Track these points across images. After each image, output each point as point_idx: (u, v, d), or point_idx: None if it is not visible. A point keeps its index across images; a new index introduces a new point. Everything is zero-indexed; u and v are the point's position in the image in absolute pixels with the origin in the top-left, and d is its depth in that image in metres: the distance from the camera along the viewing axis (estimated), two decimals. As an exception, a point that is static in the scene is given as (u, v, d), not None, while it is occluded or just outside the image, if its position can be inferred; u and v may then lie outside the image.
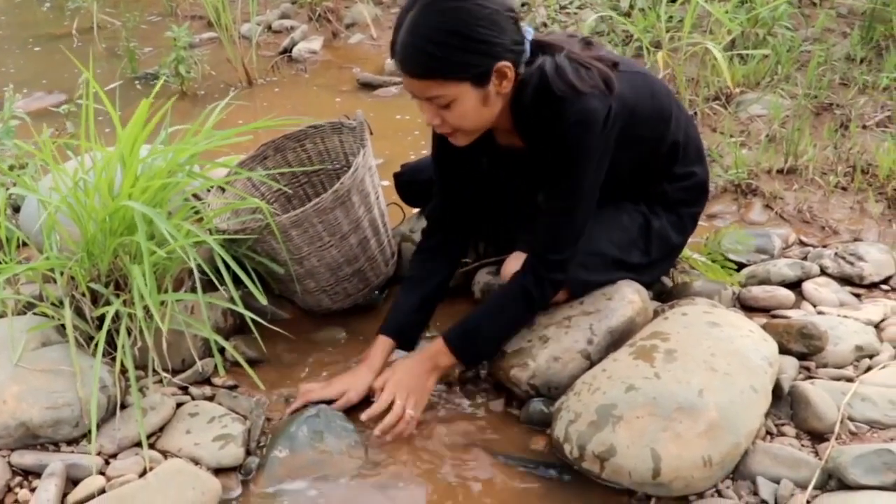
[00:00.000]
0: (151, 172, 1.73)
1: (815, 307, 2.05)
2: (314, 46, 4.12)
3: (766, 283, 2.13)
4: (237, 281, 1.70)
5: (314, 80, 3.88)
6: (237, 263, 1.70)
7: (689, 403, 1.50)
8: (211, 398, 1.80)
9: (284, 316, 2.11)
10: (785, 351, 1.79)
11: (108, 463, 1.59)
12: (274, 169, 2.21)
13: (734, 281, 2.08)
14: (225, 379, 1.85)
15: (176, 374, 1.81)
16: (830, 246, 2.32)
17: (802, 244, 2.37)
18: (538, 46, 1.65)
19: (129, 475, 1.54)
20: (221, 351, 1.81)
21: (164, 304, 1.68)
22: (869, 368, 1.79)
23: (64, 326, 1.67)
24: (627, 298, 1.82)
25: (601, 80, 1.62)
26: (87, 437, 1.60)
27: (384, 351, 1.82)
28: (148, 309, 1.62)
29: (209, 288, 1.74)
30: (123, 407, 1.66)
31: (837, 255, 2.21)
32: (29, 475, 1.57)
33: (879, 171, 2.58)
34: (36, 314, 1.77)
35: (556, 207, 1.71)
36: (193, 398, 1.79)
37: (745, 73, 3.21)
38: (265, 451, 1.67)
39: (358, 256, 2.02)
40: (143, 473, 1.55)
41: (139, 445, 1.60)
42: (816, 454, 1.58)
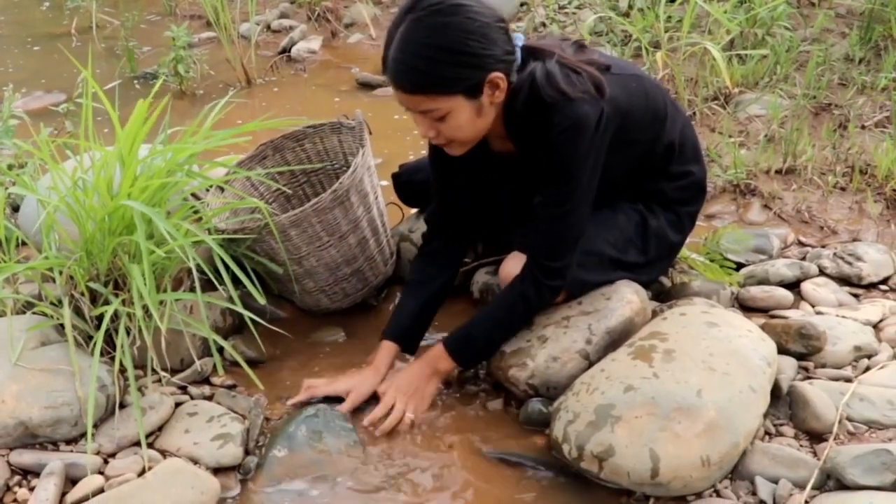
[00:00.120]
0: (150, 172, 1.73)
1: (813, 307, 2.05)
2: (313, 46, 4.11)
3: (764, 283, 2.13)
4: (236, 281, 1.71)
5: (313, 79, 3.87)
6: (236, 263, 1.70)
7: (687, 403, 1.50)
8: (210, 398, 1.80)
9: (283, 316, 2.11)
10: (783, 351, 1.79)
11: (107, 462, 1.59)
12: (273, 168, 2.21)
13: (733, 281, 2.08)
14: (224, 378, 1.85)
15: (175, 373, 1.81)
16: (829, 246, 2.33)
17: (801, 244, 2.37)
18: (530, 52, 1.66)
19: (128, 474, 1.54)
20: (220, 350, 1.81)
21: (162, 303, 1.68)
22: (867, 368, 1.79)
23: (63, 326, 1.67)
24: (626, 298, 1.82)
25: (592, 84, 1.62)
26: (86, 436, 1.60)
27: (388, 355, 1.84)
28: (147, 308, 1.62)
29: (208, 287, 1.74)
30: (122, 406, 1.67)
31: (836, 255, 2.21)
32: (28, 474, 1.57)
33: (878, 171, 2.58)
34: (35, 313, 1.77)
35: (552, 213, 1.71)
36: (192, 398, 1.79)
37: (743, 73, 3.21)
38: (264, 450, 1.67)
39: (357, 256, 2.02)
40: (142, 473, 1.55)
41: (138, 445, 1.60)
42: (815, 454, 1.58)
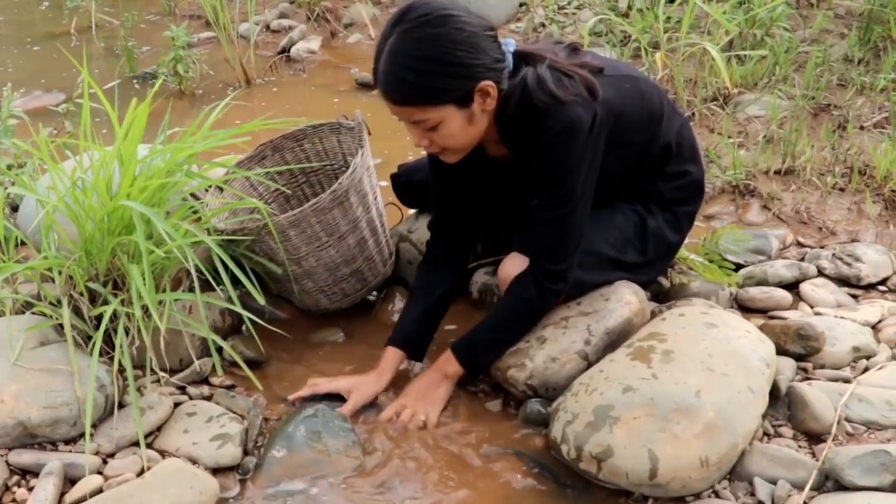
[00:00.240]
0: (150, 172, 1.73)
1: (812, 308, 2.05)
2: (312, 46, 4.11)
3: (763, 283, 2.14)
4: (235, 281, 1.71)
5: (312, 79, 3.87)
6: (235, 263, 1.70)
7: (686, 404, 1.50)
8: (209, 398, 1.80)
9: (282, 316, 2.11)
10: (782, 352, 1.79)
11: (105, 462, 1.59)
12: (272, 168, 2.21)
13: (732, 282, 2.08)
14: (223, 379, 1.85)
15: (174, 373, 1.81)
16: (828, 247, 2.33)
17: (800, 245, 2.38)
18: (522, 57, 1.66)
19: (126, 474, 1.54)
20: (219, 351, 1.81)
21: (162, 303, 1.68)
22: (866, 369, 1.79)
23: (62, 326, 1.67)
24: (625, 299, 1.82)
25: (584, 87, 1.63)
26: (84, 436, 1.60)
27: (392, 360, 1.85)
28: (146, 308, 1.62)
29: (207, 288, 1.74)
30: (121, 406, 1.67)
31: (835, 255, 2.21)
32: (27, 474, 1.57)
33: (877, 171, 2.59)
34: (34, 313, 1.77)
35: (551, 217, 1.71)
36: (191, 398, 1.79)
37: (742, 73, 3.21)
38: (263, 450, 1.67)
39: (356, 257, 2.02)
40: (140, 473, 1.55)
41: (137, 445, 1.60)
42: (813, 455, 1.58)
